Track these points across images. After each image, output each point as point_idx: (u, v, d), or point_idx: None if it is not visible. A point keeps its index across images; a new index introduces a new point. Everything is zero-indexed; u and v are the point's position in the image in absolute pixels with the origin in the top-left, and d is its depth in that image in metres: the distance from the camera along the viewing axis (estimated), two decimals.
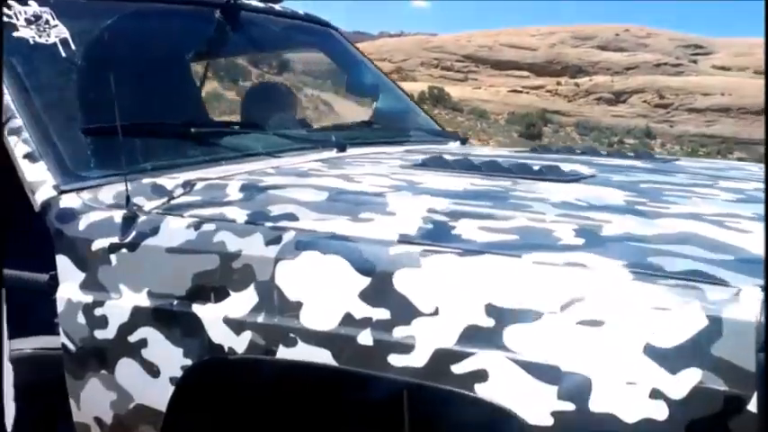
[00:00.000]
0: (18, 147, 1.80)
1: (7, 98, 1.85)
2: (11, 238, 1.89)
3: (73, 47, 1.98)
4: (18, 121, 1.82)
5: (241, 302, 1.41)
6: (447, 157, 1.93)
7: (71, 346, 1.62)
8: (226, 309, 1.43)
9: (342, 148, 2.17)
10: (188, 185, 1.71)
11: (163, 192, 1.69)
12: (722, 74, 34.11)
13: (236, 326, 1.41)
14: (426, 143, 2.60)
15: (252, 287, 1.41)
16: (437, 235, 1.37)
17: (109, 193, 1.73)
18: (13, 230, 1.94)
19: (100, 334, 1.58)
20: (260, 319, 1.39)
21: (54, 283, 1.67)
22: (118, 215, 1.63)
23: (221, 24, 2.38)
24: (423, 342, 1.24)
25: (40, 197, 1.73)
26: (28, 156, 1.78)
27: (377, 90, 2.86)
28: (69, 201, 1.71)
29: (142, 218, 1.60)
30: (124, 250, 1.58)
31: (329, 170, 1.87)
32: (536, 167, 1.79)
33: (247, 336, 1.39)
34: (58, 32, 1.99)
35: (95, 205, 1.69)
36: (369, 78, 2.88)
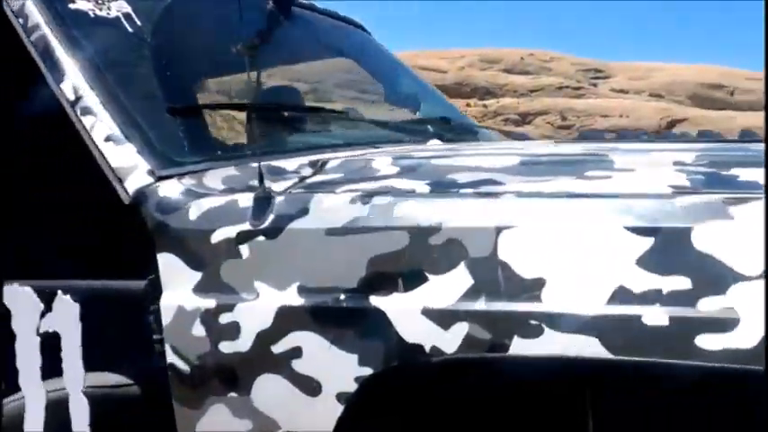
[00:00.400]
0: (97, 128, 1.49)
1: (75, 75, 1.55)
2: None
3: (138, 22, 1.70)
4: (93, 99, 1.52)
5: (447, 287, 1.12)
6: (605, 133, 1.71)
7: (184, 367, 1.32)
8: (423, 297, 1.14)
9: (441, 139, 1.93)
10: (316, 165, 1.44)
11: (285, 173, 1.42)
12: (620, 96, 35.23)
13: (443, 318, 1.11)
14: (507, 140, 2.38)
15: (462, 266, 1.12)
16: (723, 183, 1.11)
17: (215, 177, 1.45)
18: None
19: (228, 347, 1.28)
20: (479, 305, 1.09)
21: (155, 289, 1.37)
22: (244, 198, 1.34)
23: (273, 15, 2.11)
24: (750, 314, 0.96)
25: (132, 185, 1.43)
26: (111, 138, 1.48)
27: (418, 99, 2.54)
28: (171, 188, 1.42)
29: (280, 198, 1.32)
30: (261, 238, 1.28)
31: (480, 146, 1.61)
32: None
33: (461, 329, 1.10)
34: (119, 6, 1.71)
35: (205, 191, 1.41)
36: (412, 86, 2.60)
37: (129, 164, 1.45)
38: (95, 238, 1.53)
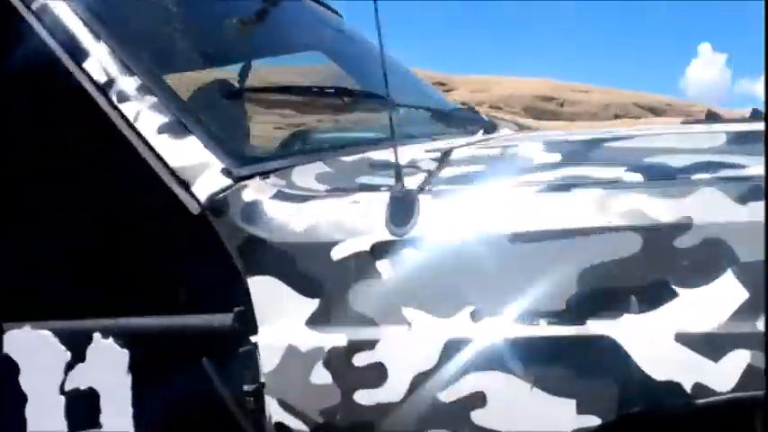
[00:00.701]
0: (144, 117, 1.11)
1: (103, 52, 1.16)
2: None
3: None
4: (133, 82, 1.14)
5: (710, 303, 0.83)
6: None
7: (300, 427, 0.96)
8: (674, 318, 0.84)
9: (490, 130, 1.62)
10: (437, 156, 1.11)
11: (393, 168, 1.09)
12: None
13: (709, 344, 0.82)
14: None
15: (730, 275, 0.83)
16: None
17: (306, 175, 1.10)
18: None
19: (370, 397, 0.93)
20: (763, 325, 0.81)
21: (245, 324, 1.01)
22: (367, 200, 1.01)
23: None
24: None
25: (203, 189, 1.06)
26: (166, 130, 1.10)
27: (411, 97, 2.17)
28: (258, 191, 1.06)
29: (426, 198, 0.98)
30: (408, 250, 0.95)
31: (620, 130, 1.30)
32: None
33: (740, 359, 0.81)
34: None
35: (304, 193, 1.06)
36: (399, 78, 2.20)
37: (195, 162, 1.08)
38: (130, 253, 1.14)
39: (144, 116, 1.10)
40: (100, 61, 1.15)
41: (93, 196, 1.11)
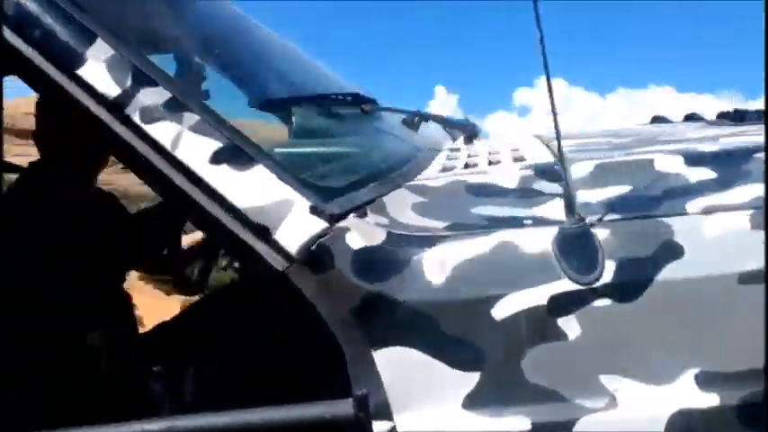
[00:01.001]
0: (188, 142, 0.79)
1: (108, 56, 0.82)
2: None
3: None
4: (160, 94, 0.81)
5: None
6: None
7: None
8: None
9: (471, 138, 1.39)
10: (550, 175, 0.87)
11: (514, 193, 0.85)
12: None
13: None
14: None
15: None
16: None
17: (401, 208, 0.83)
18: None
19: None
20: None
21: (372, 411, 0.73)
22: (525, 238, 0.75)
23: None
24: None
25: (292, 236, 0.76)
26: (224, 157, 0.78)
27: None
28: (365, 234, 0.77)
29: (604, 232, 0.75)
30: (602, 302, 0.71)
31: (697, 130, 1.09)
32: None
33: None
34: None
35: (424, 234, 0.78)
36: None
37: (272, 200, 0.77)
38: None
39: (187, 141, 0.78)
40: (102, 67, 0.80)
41: (119, 253, 0.77)
